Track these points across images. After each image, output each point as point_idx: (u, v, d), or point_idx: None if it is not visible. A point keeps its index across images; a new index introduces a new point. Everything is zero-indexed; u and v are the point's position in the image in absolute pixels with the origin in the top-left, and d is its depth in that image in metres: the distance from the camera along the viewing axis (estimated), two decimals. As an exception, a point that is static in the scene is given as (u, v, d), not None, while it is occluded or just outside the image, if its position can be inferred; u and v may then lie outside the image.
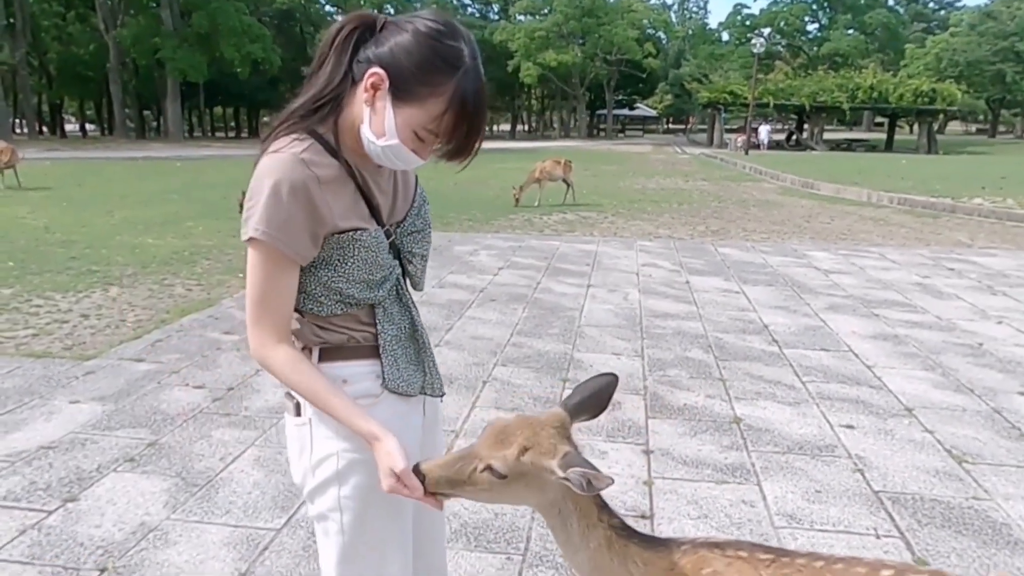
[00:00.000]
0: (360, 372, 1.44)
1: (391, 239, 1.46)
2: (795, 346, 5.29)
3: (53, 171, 19.30)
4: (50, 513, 2.95)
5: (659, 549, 1.42)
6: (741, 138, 37.27)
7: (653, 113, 79.98)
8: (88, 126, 60.43)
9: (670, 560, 1.40)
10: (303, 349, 1.44)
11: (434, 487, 1.36)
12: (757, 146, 38.01)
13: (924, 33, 65.62)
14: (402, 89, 1.31)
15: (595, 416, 1.44)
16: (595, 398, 1.43)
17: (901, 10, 70.80)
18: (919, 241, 10.41)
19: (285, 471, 3.32)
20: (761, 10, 70.83)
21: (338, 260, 1.39)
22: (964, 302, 6.73)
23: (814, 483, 3.29)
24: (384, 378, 1.45)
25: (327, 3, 58.45)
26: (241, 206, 7.05)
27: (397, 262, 1.48)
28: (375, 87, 1.32)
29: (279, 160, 1.33)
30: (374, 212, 1.43)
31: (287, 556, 2.69)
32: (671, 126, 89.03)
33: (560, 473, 1.27)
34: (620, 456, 3.52)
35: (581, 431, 3.08)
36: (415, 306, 1.56)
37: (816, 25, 70.56)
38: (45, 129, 51.53)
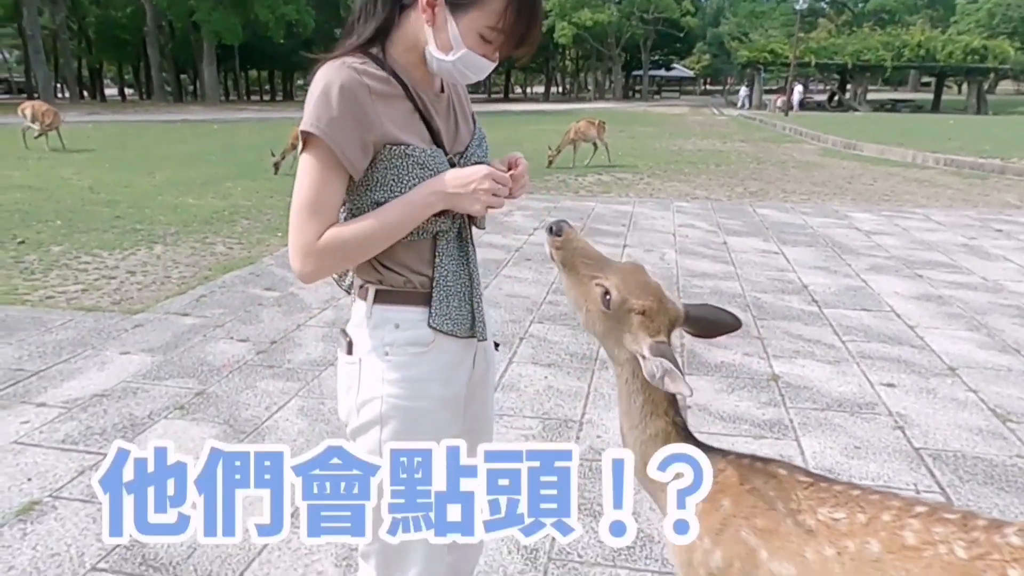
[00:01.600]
0: (413, 319, 1.44)
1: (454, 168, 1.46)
2: (835, 306, 5.22)
3: (95, 134, 19.63)
4: (105, 456, 3.07)
5: (707, 454, 1.46)
6: (780, 99, 36.42)
7: (690, 74, 78.24)
8: (127, 90, 61.18)
9: (715, 468, 1.44)
10: (360, 287, 1.46)
11: (564, 245, 1.46)
12: (791, 107, 37.26)
13: (977, -13, 62.86)
14: None
15: (698, 336, 1.52)
16: (712, 325, 1.51)
17: (953, -37, 67.84)
18: (966, 202, 10.13)
19: (328, 420, 3.42)
20: (805, -35, 68.36)
21: (393, 180, 1.38)
22: (1012, 263, 6.56)
23: (853, 439, 3.28)
24: (432, 315, 1.44)
25: (360, -37, 57.81)
26: (276, 167, 7.35)
27: None
28: (432, 4, 1.33)
29: (330, 66, 1.35)
30: (435, 137, 1.43)
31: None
32: (708, 87, 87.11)
33: (647, 353, 1.35)
34: (657, 410, 3.53)
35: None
36: (475, 248, 1.55)
37: (862, -20, 68.02)
38: (85, 93, 52.28)
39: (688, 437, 1.52)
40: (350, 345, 1.47)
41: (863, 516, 1.33)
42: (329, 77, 1.32)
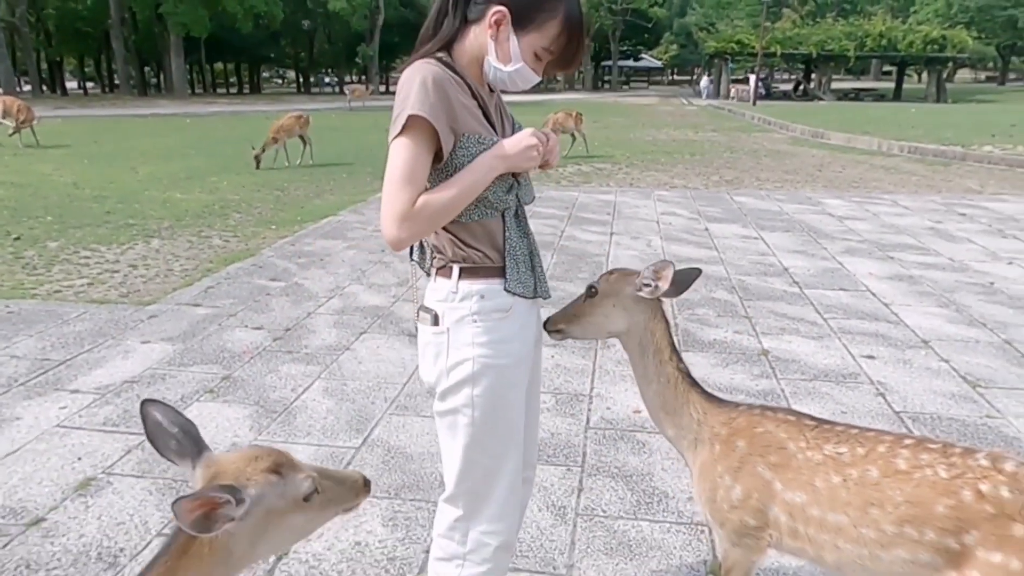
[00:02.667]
0: (495, 289, 1.67)
1: None
2: (815, 287, 5.55)
3: (67, 129, 19.38)
4: (148, 436, 3.25)
5: (720, 404, 1.80)
6: (734, 88, 38.26)
7: (658, 64, 78.91)
8: (88, 84, 59.94)
9: (728, 415, 1.75)
10: (442, 268, 1.69)
11: (555, 324, 1.86)
12: (759, 96, 38.51)
13: (935, -22, 64.22)
14: (523, 18, 1.56)
15: (678, 295, 1.88)
16: (681, 282, 1.83)
17: (912, -46, 69.17)
18: (930, 188, 10.58)
19: (354, 399, 3.63)
20: (769, -44, 69.21)
21: (466, 157, 1.60)
22: (975, 245, 6.96)
23: (840, 405, 3.58)
24: (507, 280, 1.67)
25: (326, -46, 57.29)
26: (257, 160, 7.64)
27: (513, 177, 1.71)
28: (498, 23, 1.57)
29: (419, 64, 1.57)
30: (495, 129, 1.67)
31: (369, 469, 3.00)
32: (676, 77, 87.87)
33: (637, 281, 1.77)
34: (659, 384, 3.81)
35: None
36: (527, 219, 1.79)
37: (825, -29, 69.05)
38: (45, 88, 51.14)
39: (695, 384, 1.81)
40: (436, 318, 1.69)
41: (862, 449, 1.61)
42: (423, 72, 1.54)
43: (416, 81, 1.53)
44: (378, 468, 3.01)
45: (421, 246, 1.76)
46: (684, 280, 1.85)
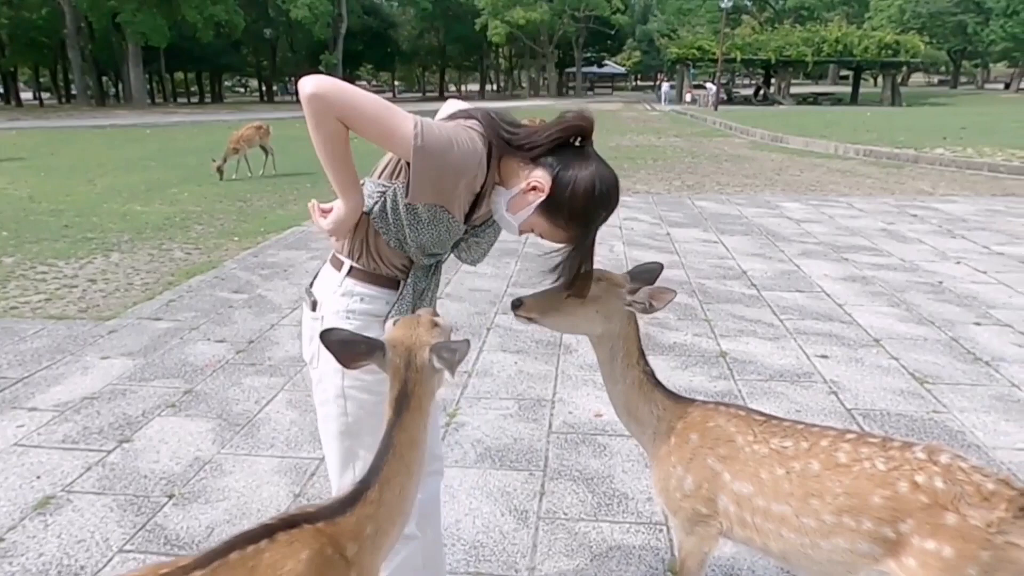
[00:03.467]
0: (376, 295, 1.71)
1: (464, 236, 1.75)
2: (772, 289, 5.69)
3: (21, 141, 18.98)
4: (109, 452, 3.24)
5: (678, 400, 1.88)
6: (690, 93, 39.61)
7: (622, 70, 79.77)
8: (43, 94, 58.65)
9: (684, 410, 1.84)
10: (335, 259, 1.74)
11: (530, 308, 1.82)
12: (695, 100, 40.03)
13: (888, -15, 65.87)
14: (551, 206, 1.61)
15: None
16: (649, 276, 1.88)
17: (865, -39, 70.89)
18: (884, 190, 10.88)
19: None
20: (727, -37, 70.37)
21: (428, 220, 1.62)
22: (926, 245, 7.18)
23: (795, 404, 3.69)
24: (392, 309, 1.70)
25: (288, -38, 56.90)
26: (219, 172, 7.65)
27: (451, 250, 1.78)
28: (536, 188, 1.61)
29: (470, 136, 1.59)
30: (470, 215, 1.69)
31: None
32: (639, 83, 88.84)
33: (629, 298, 1.76)
34: (620, 388, 3.88)
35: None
36: (437, 278, 1.83)
37: (782, -22, 70.45)
38: (-1, 99, 49.99)
39: (658, 385, 1.88)
40: (315, 304, 1.74)
41: (806, 444, 1.70)
42: (469, 139, 1.58)
43: (466, 144, 1.57)
44: (342, 478, 3.02)
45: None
46: (650, 277, 1.91)
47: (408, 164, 1.57)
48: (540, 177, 1.61)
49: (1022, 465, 3.10)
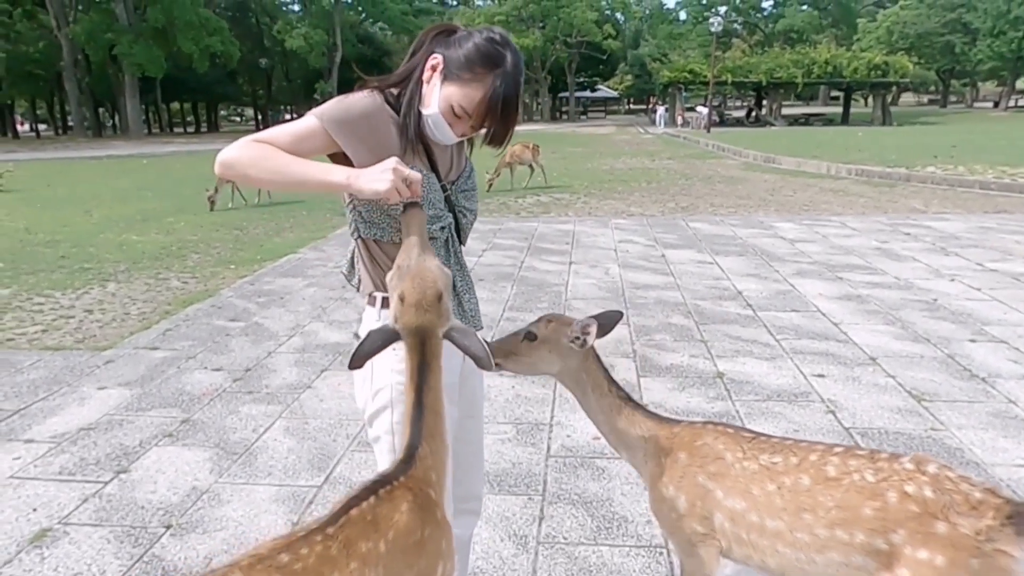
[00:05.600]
0: None
1: (447, 193, 1.77)
2: (768, 309, 5.71)
3: (17, 173, 19.02)
4: (106, 484, 3.22)
5: (662, 421, 1.90)
6: (690, 115, 39.94)
7: (615, 94, 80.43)
8: (40, 126, 58.98)
9: (671, 430, 1.85)
10: (369, 296, 1.76)
11: (496, 352, 1.82)
12: (687, 123, 40.59)
13: (875, 7, 66.82)
14: (451, 71, 1.65)
15: (604, 336, 1.90)
16: (605, 326, 1.89)
17: (852, -16, 72.00)
18: (877, 209, 10.95)
19: (315, 438, 3.63)
20: (717, -12, 71.47)
21: None
22: (920, 263, 7.22)
23: (792, 424, 3.69)
24: None
25: (283, -7, 57.66)
26: (211, 203, 7.73)
27: (450, 214, 1.77)
28: (434, 68, 1.67)
29: (357, 93, 1.67)
30: (434, 166, 1.73)
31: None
32: (632, 106, 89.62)
33: (569, 334, 1.81)
34: (618, 410, 3.88)
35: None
36: (462, 254, 1.84)
37: (771, 2, 71.47)
38: (-4, 131, 50.26)
39: (637, 407, 1.90)
40: None
41: (795, 459, 1.71)
42: (355, 97, 1.66)
43: (338, 96, 1.66)
44: (340, 506, 3.01)
45: (352, 263, 1.86)
46: (608, 324, 1.93)
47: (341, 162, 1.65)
48: (431, 57, 1.68)
49: (1021, 481, 3.10)
